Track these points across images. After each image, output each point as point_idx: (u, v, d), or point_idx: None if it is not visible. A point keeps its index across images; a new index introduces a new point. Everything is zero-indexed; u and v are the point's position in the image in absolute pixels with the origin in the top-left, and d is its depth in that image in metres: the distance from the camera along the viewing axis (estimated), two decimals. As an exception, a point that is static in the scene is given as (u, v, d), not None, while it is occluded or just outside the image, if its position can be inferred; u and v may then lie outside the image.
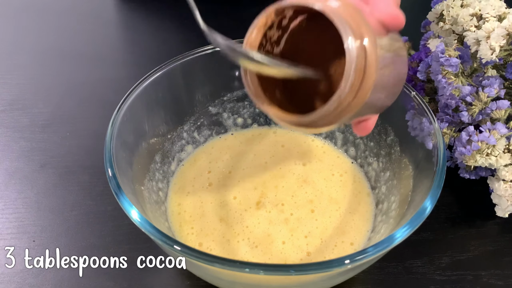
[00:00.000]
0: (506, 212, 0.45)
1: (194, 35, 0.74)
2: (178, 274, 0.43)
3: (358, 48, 0.28)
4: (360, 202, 0.46)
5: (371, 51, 0.29)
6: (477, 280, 0.43)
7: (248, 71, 0.34)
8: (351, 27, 0.28)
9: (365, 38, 0.29)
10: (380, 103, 0.33)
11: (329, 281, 0.37)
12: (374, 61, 0.29)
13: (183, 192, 0.47)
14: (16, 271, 0.43)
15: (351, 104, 0.29)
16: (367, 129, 0.38)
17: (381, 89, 0.31)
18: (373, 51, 0.29)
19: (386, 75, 0.31)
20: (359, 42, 0.28)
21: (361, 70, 0.28)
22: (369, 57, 0.29)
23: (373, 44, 0.29)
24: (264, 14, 0.32)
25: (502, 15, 0.45)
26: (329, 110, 0.30)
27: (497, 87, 0.43)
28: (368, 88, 0.29)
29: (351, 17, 0.29)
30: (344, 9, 0.29)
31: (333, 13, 0.29)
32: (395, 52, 0.32)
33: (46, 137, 0.56)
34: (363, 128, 0.38)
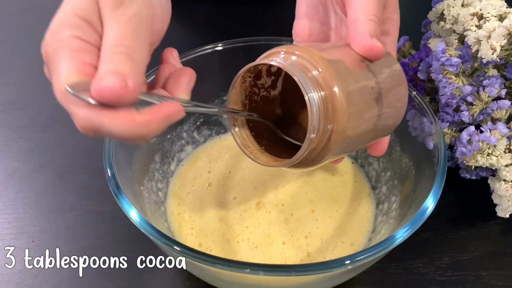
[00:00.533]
0: (507, 212, 0.45)
1: (194, 34, 0.74)
2: (178, 274, 0.43)
3: (318, 98, 0.29)
4: (360, 203, 0.46)
5: (335, 97, 0.29)
6: (478, 280, 0.43)
7: (236, 124, 0.36)
8: (310, 80, 0.30)
9: (329, 86, 0.29)
10: (376, 130, 0.34)
11: (330, 281, 0.37)
12: (341, 105, 0.29)
13: (183, 192, 0.47)
14: (15, 272, 0.43)
15: (329, 145, 0.31)
16: (380, 151, 0.39)
17: (367, 121, 0.32)
18: (338, 96, 0.29)
19: (370, 108, 0.32)
20: (317, 93, 0.29)
21: (326, 117, 0.30)
22: (334, 102, 0.29)
23: (338, 90, 0.29)
24: (239, 73, 0.33)
25: (503, 15, 0.45)
26: (301, 156, 0.31)
27: (498, 87, 0.43)
28: (342, 129, 0.30)
29: (311, 65, 0.30)
30: (301, 60, 0.31)
31: (292, 67, 0.30)
32: (381, 83, 0.33)
33: (45, 137, 0.56)
34: (375, 150, 0.39)
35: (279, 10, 0.74)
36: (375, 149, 0.39)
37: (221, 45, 0.47)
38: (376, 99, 0.32)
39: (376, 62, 0.33)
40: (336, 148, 0.31)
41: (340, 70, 0.30)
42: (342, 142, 0.31)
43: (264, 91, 0.37)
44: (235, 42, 0.47)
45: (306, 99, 0.29)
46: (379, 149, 0.39)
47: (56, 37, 0.27)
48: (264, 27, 0.72)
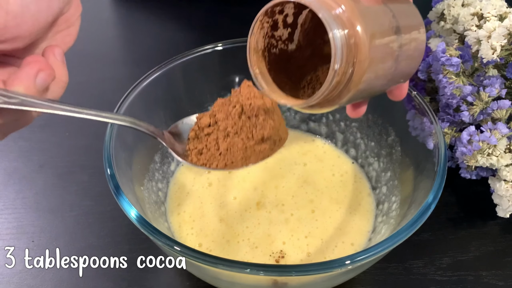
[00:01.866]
0: (507, 212, 0.45)
1: (194, 34, 0.74)
2: (178, 274, 0.43)
3: (343, 36, 0.29)
4: (360, 202, 0.46)
5: (358, 36, 0.29)
6: (478, 280, 0.43)
7: (258, 71, 0.35)
8: (333, 16, 0.29)
9: (352, 24, 0.29)
10: (390, 75, 0.34)
11: (330, 281, 0.37)
12: (364, 43, 0.29)
13: (183, 192, 0.47)
14: (15, 272, 0.43)
15: (352, 80, 0.30)
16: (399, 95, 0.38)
17: (387, 57, 0.32)
18: (361, 35, 0.29)
19: (390, 43, 0.32)
20: (341, 31, 0.29)
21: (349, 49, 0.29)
22: (358, 41, 0.29)
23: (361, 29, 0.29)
24: (257, 17, 0.33)
25: (503, 15, 0.44)
26: (326, 89, 0.30)
27: (498, 87, 0.43)
28: (364, 60, 0.30)
29: (332, 2, 0.30)
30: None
31: (314, 4, 0.29)
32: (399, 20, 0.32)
33: (45, 137, 0.56)
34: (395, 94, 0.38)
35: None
36: (395, 93, 0.38)
37: (221, 45, 0.47)
38: (396, 38, 0.32)
39: (395, 2, 0.33)
40: (358, 84, 0.31)
41: (360, 6, 0.30)
42: (364, 77, 0.30)
43: (282, 43, 0.36)
44: (235, 42, 0.47)
45: (330, 34, 0.29)
46: (399, 94, 0.38)
47: None
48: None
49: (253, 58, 0.34)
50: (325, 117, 0.52)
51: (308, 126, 0.53)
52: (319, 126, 0.52)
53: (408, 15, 0.35)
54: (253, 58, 0.34)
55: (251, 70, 0.35)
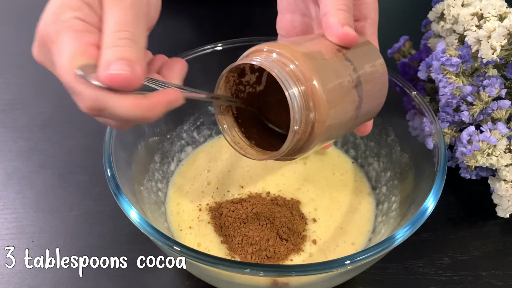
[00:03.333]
0: (507, 212, 0.45)
1: (194, 34, 0.74)
2: (178, 274, 0.43)
3: (298, 93, 0.30)
4: (361, 202, 0.46)
5: (314, 89, 0.30)
6: (478, 280, 0.43)
7: (226, 122, 0.37)
8: (289, 75, 0.31)
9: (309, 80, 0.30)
10: (358, 115, 0.35)
11: (330, 281, 0.37)
12: (321, 95, 0.30)
13: (182, 192, 0.47)
14: (15, 272, 0.43)
15: (313, 134, 0.32)
16: (363, 131, 0.41)
17: (347, 108, 0.33)
18: (317, 88, 0.30)
19: (350, 95, 0.33)
20: (296, 88, 0.30)
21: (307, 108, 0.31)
22: (314, 94, 0.30)
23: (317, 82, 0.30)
24: (223, 74, 0.35)
25: (503, 15, 0.44)
26: (288, 147, 0.32)
27: (498, 87, 0.43)
28: (324, 118, 0.31)
29: (289, 61, 0.31)
30: (280, 57, 0.31)
31: (270, 65, 0.31)
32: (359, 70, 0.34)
33: (45, 137, 0.56)
34: (359, 131, 0.41)
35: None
36: (360, 130, 0.41)
37: (221, 45, 0.47)
38: (355, 86, 0.33)
39: (354, 50, 0.34)
40: (320, 137, 0.32)
41: (318, 62, 0.31)
42: (325, 131, 0.32)
43: (249, 87, 0.37)
44: (235, 42, 0.47)
45: (286, 94, 0.30)
46: (363, 130, 0.41)
47: (58, 18, 0.28)
48: (263, 27, 0.72)
49: (219, 112, 0.36)
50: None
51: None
52: (319, 126, 0.52)
53: (368, 59, 0.35)
54: (220, 114, 0.36)
55: (219, 125, 0.36)
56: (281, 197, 0.45)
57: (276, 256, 0.40)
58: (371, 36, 0.39)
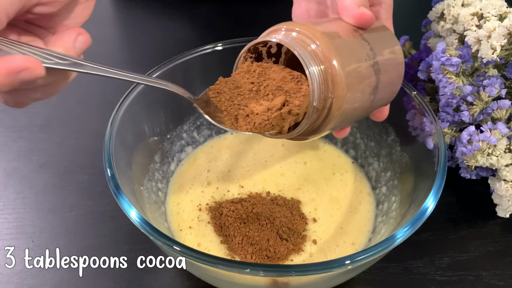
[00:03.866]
0: (507, 212, 0.45)
1: (194, 34, 0.74)
2: (178, 274, 0.43)
3: (318, 71, 0.31)
4: (361, 202, 0.46)
5: (333, 68, 0.31)
6: (478, 280, 0.43)
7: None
8: (309, 53, 0.31)
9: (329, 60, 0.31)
10: (370, 103, 0.35)
11: (330, 281, 0.37)
12: (340, 75, 0.31)
13: (182, 192, 0.47)
14: (15, 272, 0.43)
15: (330, 114, 0.32)
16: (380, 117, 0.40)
17: (365, 88, 0.33)
18: (337, 67, 0.31)
19: (367, 74, 0.33)
20: (318, 67, 0.31)
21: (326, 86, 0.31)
22: (333, 73, 0.31)
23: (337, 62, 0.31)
24: (241, 54, 0.35)
25: (503, 15, 0.44)
26: (306, 124, 0.32)
27: (498, 87, 0.43)
28: (341, 95, 0.31)
29: (310, 40, 0.31)
30: (301, 36, 0.32)
31: (292, 43, 0.31)
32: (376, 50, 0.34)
33: (45, 137, 0.56)
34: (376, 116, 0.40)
35: (278, 10, 0.74)
36: (376, 115, 0.40)
37: (221, 45, 0.47)
38: (372, 65, 0.33)
39: (370, 32, 0.34)
40: (337, 115, 0.32)
41: (336, 41, 0.32)
42: (342, 109, 0.32)
43: None
44: (235, 42, 0.47)
45: (307, 72, 0.30)
46: (380, 116, 0.40)
47: None
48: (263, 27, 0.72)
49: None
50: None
51: (308, 126, 0.53)
52: (319, 126, 0.52)
53: (385, 43, 0.36)
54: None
55: None
56: (281, 197, 0.45)
57: (276, 256, 0.40)
58: (386, 21, 0.39)
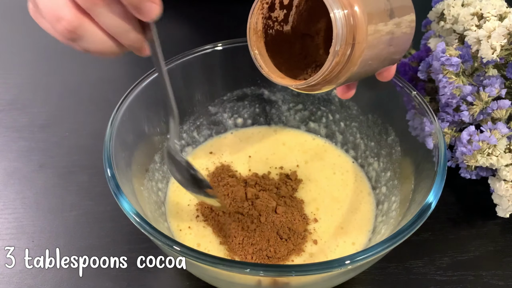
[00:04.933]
0: (507, 212, 0.45)
1: (194, 34, 0.74)
2: (178, 274, 0.43)
3: (343, 17, 0.31)
4: (361, 202, 0.46)
5: (356, 16, 0.31)
6: (478, 280, 0.43)
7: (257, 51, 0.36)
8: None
9: (351, 5, 0.31)
10: (385, 54, 0.35)
11: (330, 281, 0.37)
12: (362, 24, 0.31)
13: (181, 191, 0.47)
14: (15, 272, 0.43)
15: (351, 60, 0.32)
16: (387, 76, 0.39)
17: (383, 36, 0.33)
18: (359, 15, 0.31)
19: (385, 22, 0.33)
20: (341, 11, 0.31)
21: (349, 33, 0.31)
22: (357, 21, 0.31)
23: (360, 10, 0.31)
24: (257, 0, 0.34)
25: (503, 14, 0.44)
26: (328, 68, 0.32)
27: (498, 87, 0.43)
28: (363, 41, 0.31)
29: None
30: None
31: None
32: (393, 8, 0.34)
33: (45, 137, 0.56)
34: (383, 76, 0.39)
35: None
36: (384, 75, 0.39)
37: (221, 45, 0.47)
38: (389, 15, 0.33)
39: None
40: (356, 65, 0.32)
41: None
42: (363, 55, 0.32)
43: (277, 25, 0.37)
44: (235, 42, 0.47)
45: (331, 14, 0.30)
46: (387, 75, 0.39)
47: None
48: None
49: (252, 38, 0.36)
50: (324, 117, 0.52)
51: (308, 126, 0.53)
52: (318, 126, 0.52)
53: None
54: (253, 39, 0.36)
55: (250, 51, 0.36)
56: (282, 197, 0.45)
57: (276, 256, 0.40)
58: None
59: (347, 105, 0.50)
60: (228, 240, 0.42)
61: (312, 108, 0.52)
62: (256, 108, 0.53)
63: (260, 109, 0.53)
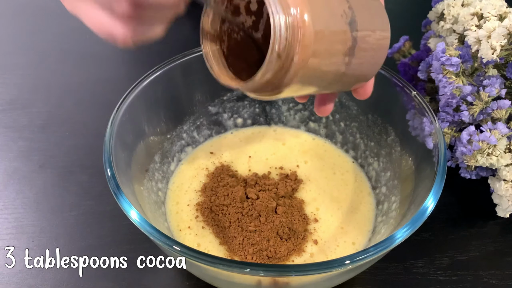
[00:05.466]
0: (507, 212, 0.45)
1: (193, 34, 0.74)
2: (178, 274, 0.43)
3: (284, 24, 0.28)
4: (361, 201, 0.46)
5: (303, 18, 0.28)
6: (478, 280, 0.43)
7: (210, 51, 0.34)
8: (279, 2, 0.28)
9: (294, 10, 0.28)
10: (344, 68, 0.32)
11: (330, 281, 0.37)
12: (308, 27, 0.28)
13: (181, 191, 0.47)
14: (15, 272, 0.43)
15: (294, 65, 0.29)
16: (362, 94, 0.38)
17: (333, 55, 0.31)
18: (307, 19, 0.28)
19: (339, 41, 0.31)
20: (284, 17, 0.28)
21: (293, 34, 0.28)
22: (302, 24, 0.28)
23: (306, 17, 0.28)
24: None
25: (503, 15, 0.44)
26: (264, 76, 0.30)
27: (498, 87, 0.43)
28: (304, 60, 0.29)
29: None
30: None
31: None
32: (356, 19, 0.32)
33: (45, 137, 0.56)
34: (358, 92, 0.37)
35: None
36: (358, 92, 0.38)
37: (221, 45, 0.47)
38: (349, 23, 0.31)
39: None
40: (302, 69, 0.30)
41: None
42: (310, 65, 0.30)
43: (245, 30, 0.35)
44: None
45: (271, 17, 0.28)
46: (362, 92, 0.38)
47: None
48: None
49: (204, 38, 0.34)
50: (324, 117, 0.52)
51: (308, 126, 0.53)
52: (318, 126, 0.52)
53: (369, 11, 0.34)
54: (205, 39, 0.34)
55: (202, 49, 0.34)
56: (283, 197, 0.45)
57: (276, 256, 0.40)
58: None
59: (347, 105, 0.50)
60: (228, 240, 0.42)
61: (312, 108, 0.52)
62: (256, 108, 0.53)
63: (260, 109, 0.53)
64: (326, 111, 0.39)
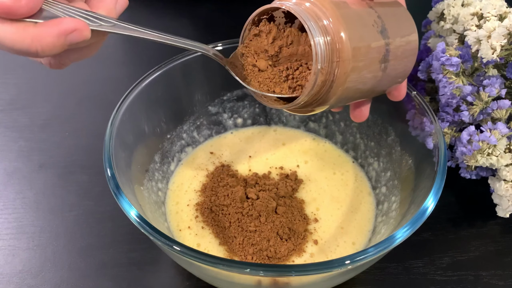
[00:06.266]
0: (507, 212, 0.45)
1: (194, 34, 0.74)
2: (178, 274, 0.43)
3: (323, 43, 0.31)
4: (361, 201, 0.46)
5: (341, 39, 0.31)
6: (478, 280, 0.43)
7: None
8: (316, 23, 0.31)
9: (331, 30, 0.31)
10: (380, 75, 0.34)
11: (330, 281, 0.37)
12: (346, 43, 0.31)
13: (181, 191, 0.47)
14: (15, 272, 0.43)
15: (337, 80, 0.32)
16: (398, 95, 0.39)
17: (370, 65, 0.33)
18: (344, 37, 0.31)
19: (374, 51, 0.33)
20: (323, 38, 0.31)
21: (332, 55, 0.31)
22: (340, 46, 0.31)
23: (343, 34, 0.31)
24: (252, 16, 0.34)
25: (503, 14, 0.44)
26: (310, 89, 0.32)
27: (498, 87, 0.43)
28: (345, 74, 0.31)
29: (319, 10, 0.31)
30: (311, 6, 0.31)
31: (300, 12, 0.31)
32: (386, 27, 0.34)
33: (45, 137, 0.56)
34: (393, 95, 0.39)
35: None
36: (393, 94, 0.39)
37: (221, 45, 0.47)
38: (380, 32, 0.33)
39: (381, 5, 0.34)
40: (344, 84, 0.32)
41: (344, 9, 0.32)
42: (350, 78, 0.32)
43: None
44: (235, 42, 0.47)
45: (312, 42, 0.30)
46: (397, 94, 0.39)
47: None
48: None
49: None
50: (324, 117, 0.52)
51: (308, 126, 0.53)
52: (318, 126, 0.52)
53: (396, 17, 0.35)
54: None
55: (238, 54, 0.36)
56: (283, 197, 0.45)
57: (276, 256, 0.40)
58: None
59: (347, 105, 0.50)
60: (228, 240, 0.42)
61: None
62: (256, 108, 0.53)
63: (260, 109, 0.53)
64: (363, 116, 0.40)
